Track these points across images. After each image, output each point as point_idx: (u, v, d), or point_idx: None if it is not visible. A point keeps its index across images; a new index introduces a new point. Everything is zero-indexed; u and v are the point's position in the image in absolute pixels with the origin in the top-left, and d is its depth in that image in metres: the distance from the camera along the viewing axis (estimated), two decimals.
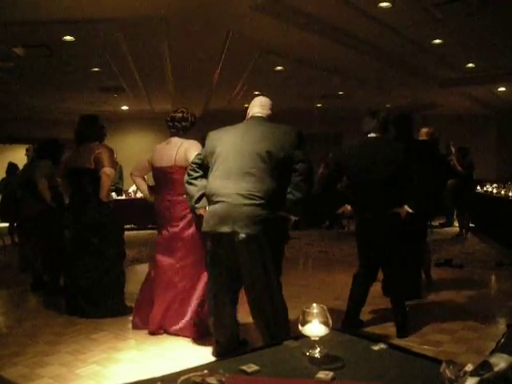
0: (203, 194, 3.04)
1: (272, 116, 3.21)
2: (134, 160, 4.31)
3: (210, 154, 3.04)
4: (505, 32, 6.86)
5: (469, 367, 1.20)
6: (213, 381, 1.27)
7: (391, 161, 3.57)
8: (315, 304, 1.63)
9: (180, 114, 3.91)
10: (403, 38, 7.24)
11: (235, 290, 3.12)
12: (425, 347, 3.39)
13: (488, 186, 10.08)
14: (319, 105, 12.28)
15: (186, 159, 3.59)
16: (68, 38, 6.75)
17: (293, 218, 3.01)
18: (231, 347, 3.11)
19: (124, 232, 4.69)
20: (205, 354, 3.25)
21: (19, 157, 9.38)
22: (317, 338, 1.60)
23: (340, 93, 11.11)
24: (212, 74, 8.97)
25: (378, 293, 4.52)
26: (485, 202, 9.45)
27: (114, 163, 4.44)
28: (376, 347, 1.67)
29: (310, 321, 1.60)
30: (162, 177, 3.84)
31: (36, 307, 4.83)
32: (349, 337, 1.86)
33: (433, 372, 1.36)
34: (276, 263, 2.95)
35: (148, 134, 13.61)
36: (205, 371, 1.33)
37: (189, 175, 3.16)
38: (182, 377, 1.30)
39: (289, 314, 3.04)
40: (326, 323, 1.60)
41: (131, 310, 4.19)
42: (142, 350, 3.50)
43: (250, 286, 2.99)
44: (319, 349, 1.60)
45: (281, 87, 9.81)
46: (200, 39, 6.96)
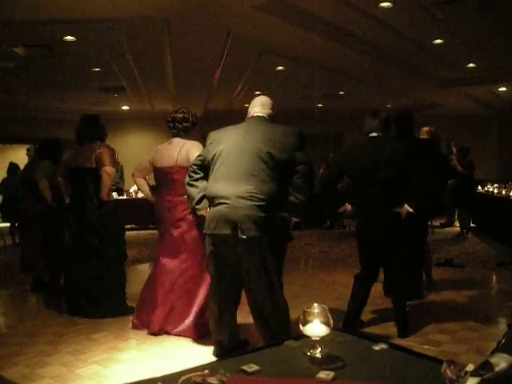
0: (204, 196, 3.04)
1: (273, 115, 3.20)
2: (135, 160, 4.31)
3: (211, 155, 3.03)
4: (505, 32, 6.86)
5: (470, 367, 1.20)
6: (213, 381, 1.27)
7: (392, 160, 3.57)
8: (316, 304, 1.63)
9: (181, 115, 3.90)
10: (404, 38, 7.24)
11: (237, 291, 3.11)
12: (426, 347, 3.39)
13: (489, 186, 10.08)
14: (320, 105, 12.27)
15: (188, 160, 3.58)
16: (68, 38, 6.76)
17: (294, 219, 3.01)
18: (232, 347, 3.11)
19: (125, 232, 4.68)
20: (205, 354, 3.25)
21: (20, 157, 9.39)
22: (318, 338, 1.60)
23: (341, 93, 11.11)
24: (213, 74, 8.97)
25: (379, 293, 4.51)
26: (486, 202, 9.44)
27: (115, 163, 4.43)
28: (377, 347, 1.67)
29: (311, 321, 1.60)
30: (163, 177, 3.83)
31: (36, 307, 4.83)
32: (350, 337, 1.86)
33: (434, 372, 1.36)
34: (277, 264, 2.95)
35: (148, 134, 13.61)
36: (205, 371, 1.33)
37: (190, 177, 3.16)
38: (183, 377, 1.30)
39: (289, 314, 3.04)
40: (327, 323, 1.60)
41: (132, 310, 4.19)
42: (143, 350, 3.50)
43: (251, 287, 2.99)
44: (320, 349, 1.60)
45: (281, 87, 9.81)
46: (201, 39, 6.96)
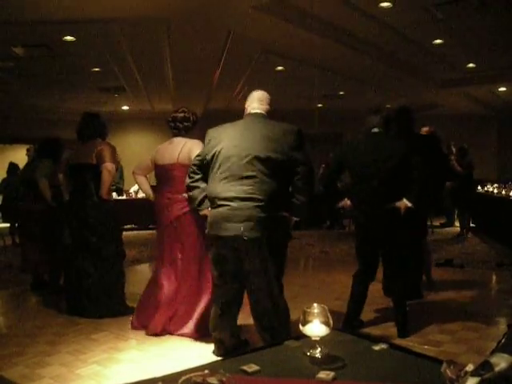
0: (205, 196, 3.05)
1: (270, 111, 3.16)
2: (135, 160, 4.31)
3: (210, 154, 3.03)
4: (505, 32, 6.86)
5: (469, 367, 1.20)
6: (213, 381, 1.28)
7: (392, 156, 3.60)
8: (316, 304, 1.63)
9: (181, 114, 3.90)
10: (404, 38, 7.25)
11: (239, 292, 3.12)
12: (425, 347, 3.39)
13: (489, 186, 10.08)
14: (320, 105, 12.28)
15: (189, 158, 3.59)
16: (68, 38, 6.76)
17: (294, 218, 3.02)
18: (232, 347, 3.11)
19: (122, 232, 4.66)
20: (205, 354, 3.25)
21: (20, 157, 9.38)
22: (318, 338, 1.60)
23: (341, 93, 11.11)
24: (212, 74, 8.97)
25: (379, 293, 4.51)
26: (485, 202, 9.44)
27: (116, 160, 4.43)
28: (377, 347, 1.67)
29: (311, 321, 1.60)
30: (164, 174, 3.84)
31: (36, 307, 4.82)
32: (350, 337, 1.86)
33: (434, 372, 1.36)
34: (278, 264, 2.96)
35: (148, 134, 13.61)
36: (205, 371, 1.33)
37: (190, 177, 3.15)
38: (183, 377, 1.30)
39: (289, 315, 3.04)
40: (327, 323, 1.60)
41: (132, 310, 4.18)
42: (143, 350, 3.49)
43: (252, 287, 3.00)
44: (320, 349, 1.60)
45: (281, 87, 9.80)
46: (200, 39, 6.97)
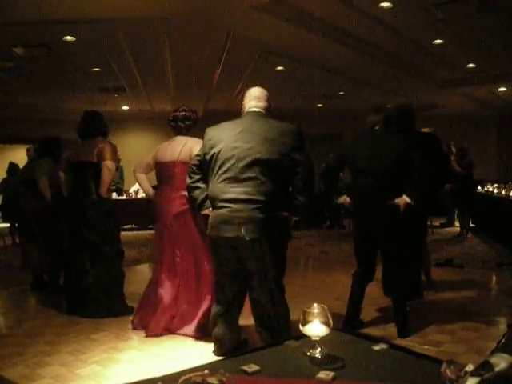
0: (206, 196, 3.05)
1: (269, 108, 3.14)
2: (135, 160, 4.31)
3: (209, 155, 3.01)
4: (505, 32, 6.86)
5: (469, 367, 1.20)
6: (213, 381, 1.27)
7: (392, 151, 3.64)
8: (316, 304, 1.63)
9: (182, 113, 3.90)
10: (404, 38, 7.24)
11: (240, 293, 3.12)
12: (425, 347, 3.39)
13: (489, 186, 10.08)
14: (320, 105, 12.27)
15: (190, 156, 3.59)
16: (68, 38, 6.76)
17: (294, 218, 3.03)
18: (232, 347, 3.11)
19: (120, 232, 4.62)
20: (205, 354, 3.25)
21: (19, 157, 9.37)
22: (317, 338, 1.60)
23: (340, 93, 11.11)
24: (212, 74, 8.97)
25: (379, 293, 4.52)
26: (485, 202, 9.44)
27: (116, 159, 4.43)
28: (377, 347, 1.67)
29: (311, 321, 1.60)
30: (164, 172, 3.84)
31: (36, 307, 4.83)
32: (349, 337, 1.86)
33: (433, 372, 1.36)
34: (278, 264, 2.97)
35: (148, 134, 13.60)
36: (205, 371, 1.33)
37: (190, 177, 3.15)
38: (183, 377, 1.30)
39: (290, 315, 3.05)
40: (327, 323, 1.60)
41: (132, 310, 4.18)
42: (143, 350, 3.49)
43: (253, 287, 3.01)
44: (320, 349, 1.60)
45: (281, 87, 9.80)
46: (201, 39, 6.96)
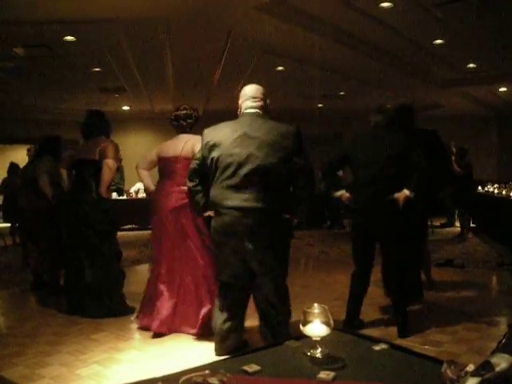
0: (208, 199, 3.04)
1: (265, 106, 3.09)
2: (135, 160, 4.31)
3: (209, 160, 2.99)
4: (505, 32, 6.86)
5: (470, 367, 1.20)
6: (214, 381, 1.27)
7: (393, 145, 3.68)
8: (316, 304, 1.63)
9: (184, 112, 3.90)
10: (404, 38, 7.24)
11: (243, 294, 3.13)
12: (426, 347, 3.39)
13: (489, 186, 10.09)
14: (320, 105, 12.27)
15: (193, 152, 3.60)
16: (69, 38, 6.76)
17: (296, 220, 3.05)
18: (233, 347, 3.11)
19: (117, 232, 4.59)
20: (206, 354, 3.25)
21: (20, 157, 9.38)
22: (318, 338, 1.60)
23: (341, 93, 11.11)
24: (213, 74, 8.97)
25: (379, 293, 4.51)
26: (486, 203, 9.44)
27: (118, 158, 4.43)
28: (377, 347, 1.67)
29: (312, 321, 1.60)
30: (166, 167, 3.85)
31: (36, 307, 4.82)
32: (350, 337, 1.86)
33: (434, 372, 1.36)
34: (281, 264, 2.99)
35: (149, 135, 13.61)
36: (206, 371, 1.33)
37: (190, 180, 3.13)
38: (184, 377, 1.30)
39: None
40: (328, 323, 1.60)
41: (132, 310, 4.18)
42: (143, 350, 3.49)
43: (257, 288, 3.03)
44: (320, 349, 1.60)
45: (281, 87, 9.81)
46: (201, 39, 6.97)
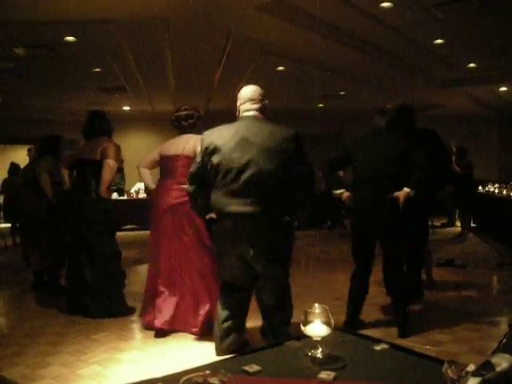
0: (209, 203, 3.02)
1: (264, 108, 3.06)
2: (135, 161, 4.31)
3: (209, 165, 2.96)
4: (505, 32, 6.86)
5: (471, 367, 1.20)
6: (215, 381, 1.28)
7: (394, 144, 3.71)
8: (317, 304, 1.63)
9: (184, 112, 3.90)
10: (404, 38, 7.24)
11: (246, 296, 3.13)
12: (426, 347, 3.39)
13: (489, 186, 10.08)
14: (320, 105, 12.27)
15: (194, 151, 3.60)
16: (69, 39, 6.76)
17: (297, 223, 3.07)
18: (235, 348, 3.11)
19: (116, 233, 4.58)
20: (206, 354, 3.25)
21: (20, 157, 9.39)
22: (319, 338, 1.60)
23: (341, 93, 11.11)
24: (213, 75, 8.97)
25: (379, 293, 4.51)
26: (486, 202, 9.44)
27: (119, 159, 4.43)
28: (378, 347, 1.67)
29: (312, 321, 1.60)
30: (168, 165, 3.85)
31: (37, 307, 4.82)
32: (350, 337, 1.86)
33: (435, 372, 1.36)
34: (284, 265, 3.00)
35: (149, 135, 13.61)
36: (207, 371, 1.33)
37: (190, 184, 3.11)
38: (184, 377, 1.30)
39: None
40: (328, 323, 1.60)
41: (133, 311, 4.18)
42: (144, 351, 3.49)
43: (260, 288, 3.04)
44: (321, 349, 1.60)
45: (281, 87, 9.81)
46: (201, 39, 6.97)
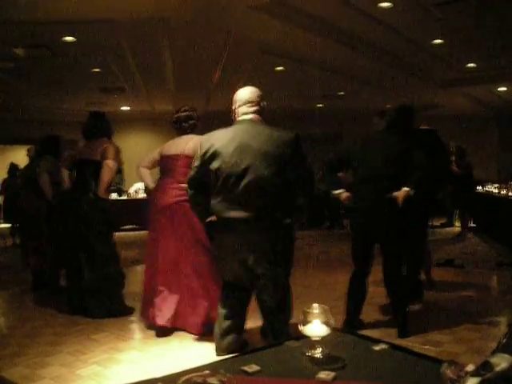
0: (208, 208, 3.00)
1: (261, 110, 3.03)
2: (135, 161, 4.31)
3: (209, 168, 2.94)
4: (505, 32, 6.86)
5: (470, 367, 1.20)
6: (214, 381, 1.28)
7: (394, 144, 3.73)
8: (316, 304, 1.63)
9: (184, 113, 3.90)
10: (404, 38, 7.24)
11: (246, 297, 3.13)
12: (426, 347, 3.39)
13: (489, 186, 10.09)
14: (320, 105, 12.27)
15: (195, 151, 3.56)
16: (68, 39, 6.75)
17: (296, 224, 3.06)
18: (235, 348, 3.11)
19: (113, 233, 4.56)
20: (206, 355, 3.25)
21: (20, 157, 9.37)
22: (318, 338, 1.60)
23: (340, 93, 11.11)
24: (213, 75, 8.97)
25: (379, 293, 4.51)
26: (486, 202, 9.45)
27: (119, 160, 4.42)
28: (377, 347, 1.67)
29: (311, 321, 1.60)
30: (168, 165, 3.85)
31: (36, 307, 4.82)
32: (350, 337, 1.86)
33: (434, 372, 1.36)
34: (284, 266, 2.99)
35: (149, 135, 13.60)
36: (206, 371, 1.33)
37: (190, 188, 3.09)
38: (183, 377, 1.30)
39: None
40: (327, 323, 1.60)
41: (132, 311, 4.18)
42: (143, 351, 3.49)
43: (260, 289, 3.03)
44: (320, 349, 1.60)
45: (281, 87, 9.81)
46: (201, 39, 6.96)
